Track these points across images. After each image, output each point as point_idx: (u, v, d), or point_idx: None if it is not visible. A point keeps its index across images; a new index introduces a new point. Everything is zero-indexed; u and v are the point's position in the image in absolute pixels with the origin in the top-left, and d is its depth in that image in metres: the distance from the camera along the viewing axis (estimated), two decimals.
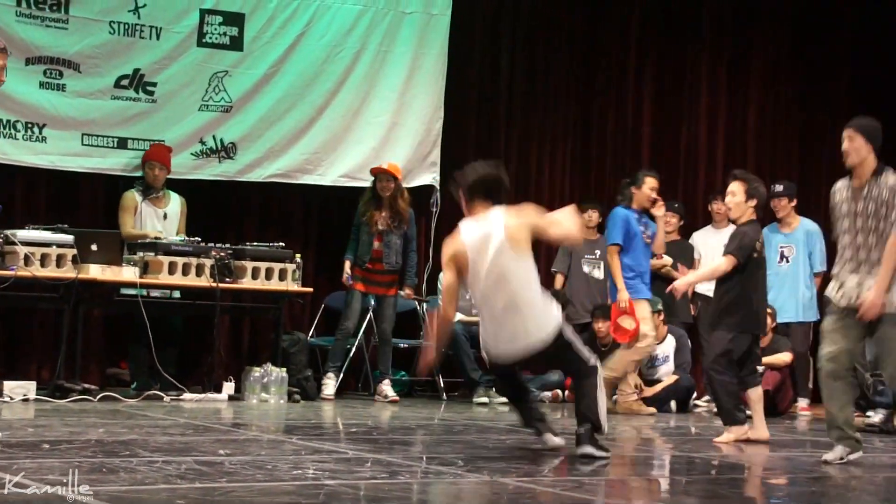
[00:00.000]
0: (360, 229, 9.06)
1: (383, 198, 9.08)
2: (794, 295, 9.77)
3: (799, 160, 11.62)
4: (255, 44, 9.27)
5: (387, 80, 9.74)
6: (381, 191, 9.07)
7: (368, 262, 9.04)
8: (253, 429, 6.74)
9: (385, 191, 9.06)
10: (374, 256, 9.05)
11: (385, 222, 9.04)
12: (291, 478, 4.72)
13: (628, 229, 8.80)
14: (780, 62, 11.63)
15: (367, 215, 9.05)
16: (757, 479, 5.92)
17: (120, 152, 8.83)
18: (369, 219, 9.03)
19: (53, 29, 8.61)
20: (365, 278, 9.05)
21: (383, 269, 9.07)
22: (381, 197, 9.08)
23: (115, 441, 5.58)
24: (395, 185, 9.09)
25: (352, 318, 9.01)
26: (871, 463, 6.56)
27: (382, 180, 9.07)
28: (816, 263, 9.76)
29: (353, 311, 9.01)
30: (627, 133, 11.02)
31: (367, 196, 9.13)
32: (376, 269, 9.05)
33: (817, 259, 9.75)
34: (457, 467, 5.24)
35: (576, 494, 4.74)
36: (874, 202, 6.16)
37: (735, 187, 7.17)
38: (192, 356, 8.98)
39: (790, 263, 9.81)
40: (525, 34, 10.60)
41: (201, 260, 8.17)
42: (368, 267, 9.04)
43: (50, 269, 7.66)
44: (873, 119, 6.45)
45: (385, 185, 9.06)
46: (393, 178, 9.09)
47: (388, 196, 9.07)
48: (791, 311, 9.76)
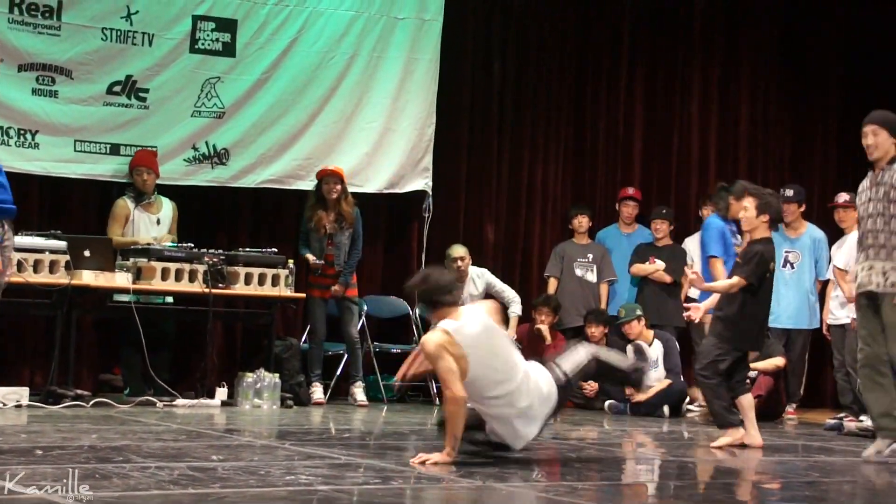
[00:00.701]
0: (308, 235, 9.03)
1: (329, 200, 9.03)
2: (797, 301, 9.76)
3: (790, 164, 11.65)
4: (247, 50, 9.28)
5: (379, 85, 9.75)
6: (328, 193, 9.02)
7: (323, 268, 9.00)
8: (246, 434, 6.74)
9: (331, 193, 9.00)
10: (327, 260, 9.02)
11: (332, 225, 9.00)
12: (284, 483, 4.72)
13: (725, 241, 8.78)
14: (770, 66, 11.66)
15: (313, 221, 9.01)
16: (750, 484, 5.93)
17: (112, 158, 8.83)
18: (317, 222, 8.99)
19: (46, 35, 8.61)
20: (321, 284, 9.02)
21: (335, 272, 9.03)
22: (326, 199, 9.04)
23: (108, 447, 5.57)
24: (342, 188, 9.03)
25: (318, 325, 8.99)
26: (865, 467, 6.57)
27: (329, 182, 9.01)
28: (823, 271, 9.76)
29: (317, 317, 8.99)
30: (619, 138, 11.04)
31: (313, 199, 9.08)
32: (328, 273, 9.02)
33: (823, 267, 9.76)
34: (449, 473, 5.25)
35: (569, 500, 4.75)
36: (884, 186, 6.21)
37: (747, 202, 7.03)
38: (184, 362, 8.98)
39: (795, 270, 9.81)
40: (516, 40, 10.61)
41: (194, 266, 8.17)
42: (326, 272, 9.00)
43: (43, 275, 7.66)
44: (890, 112, 6.54)
45: (332, 187, 9.00)
46: (339, 181, 9.03)
47: (334, 199, 9.02)
48: (793, 317, 9.75)
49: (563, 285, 10.20)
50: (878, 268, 6.19)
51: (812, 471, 6.29)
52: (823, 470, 6.36)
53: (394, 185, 9.80)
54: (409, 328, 10.01)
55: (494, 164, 10.52)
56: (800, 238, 9.76)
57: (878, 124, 6.36)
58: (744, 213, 7.07)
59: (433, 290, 5.69)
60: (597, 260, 10.26)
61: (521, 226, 10.65)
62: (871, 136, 6.37)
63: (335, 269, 9.01)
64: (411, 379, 6.14)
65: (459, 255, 9.63)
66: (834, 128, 11.84)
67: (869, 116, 6.47)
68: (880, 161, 6.35)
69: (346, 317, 9.06)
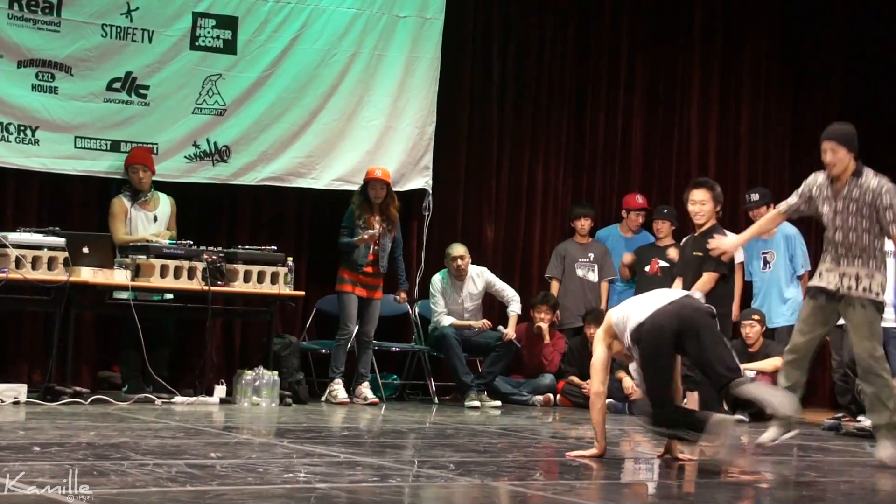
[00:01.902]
0: (353, 233, 9.05)
1: (375, 204, 9.09)
2: (779, 299, 9.80)
3: (790, 165, 11.64)
4: (248, 47, 9.27)
5: (381, 83, 9.74)
6: (375, 198, 9.08)
7: (366, 266, 9.04)
8: (244, 432, 6.74)
9: (378, 198, 9.08)
10: (370, 260, 9.06)
11: (381, 227, 9.06)
12: (283, 481, 4.72)
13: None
14: (770, 68, 11.66)
15: (362, 219, 9.05)
16: (747, 484, 5.93)
17: (112, 155, 8.82)
18: (365, 222, 9.03)
19: (45, 31, 8.60)
20: (360, 282, 9.05)
21: (377, 272, 9.08)
22: (372, 202, 9.09)
23: (107, 444, 5.57)
24: (388, 192, 9.11)
25: (352, 321, 9.02)
26: (863, 467, 6.58)
27: (376, 188, 9.09)
28: (798, 266, 9.79)
29: (351, 314, 9.01)
30: (619, 139, 11.04)
31: (359, 200, 9.13)
32: (368, 272, 9.06)
33: (799, 262, 9.79)
34: (448, 471, 5.25)
35: (567, 498, 4.75)
36: (855, 202, 6.36)
37: (702, 195, 7.42)
38: (183, 359, 8.97)
39: (772, 269, 9.85)
40: (517, 40, 10.61)
41: (193, 263, 8.16)
42: (366, 271, 9.04)
43: (41, 271, 7.65)
44: (847, 124, 6.69)
45: (378, 192, 9.08)
46: (385, 185, 9.11)
47: (381, 203, 9.08)
48: (778, 315, 9.77)
49: (565, 286, 10.20)
50: (850, 273, 6.44)
51: (809, 471, 6.30)
52: (821, 470, 6.36)
53: (394, 183, 9.77)
54: (409, 327, 10.01)
55: (494, 163, 10.52)
56: (773, 238, 9.79)
57: (836, 140, 6.54)
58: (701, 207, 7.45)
59: None
60: (598, 259, 10.26)
61: (521, 225, 10.65)
62: (830, 153, 6.56)
63: (379, 268, 9.04)
64: None
65: (459, 253, 9.63)
66: None
67: (826, 132, 6.67)
68: (841, 176, 6.53)
69: (370, 316, 9.08)
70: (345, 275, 9.05)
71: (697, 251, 7.39)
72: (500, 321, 9.78)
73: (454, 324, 9.56)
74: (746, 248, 9.48)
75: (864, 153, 11.63)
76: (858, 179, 6.47)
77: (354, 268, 9.02)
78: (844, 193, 6.48)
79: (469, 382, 9.32)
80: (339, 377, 8.96)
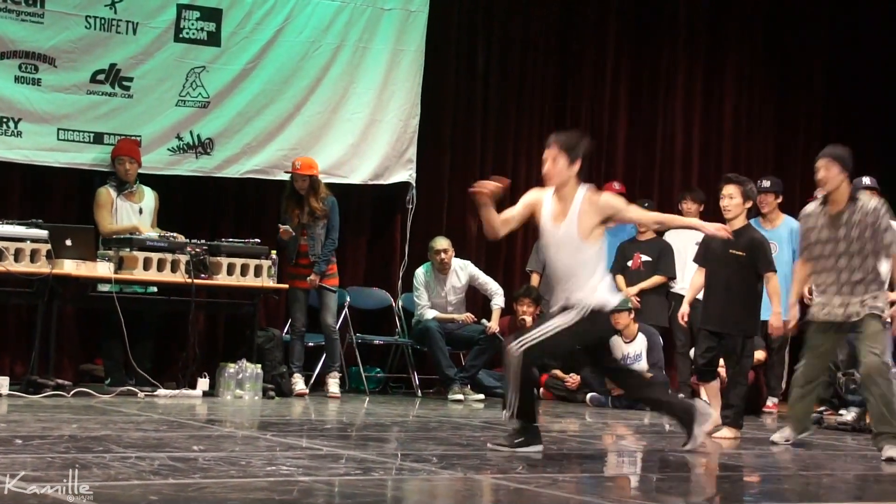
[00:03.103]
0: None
1: (301, 195, 9.01)
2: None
3: (774, 159, 11.69)
4: (232, 39, 9.25)
5: (365, 76, 9.73)
6: (299, 189, 8.99)
7: (298, 258, 9.00)
8: (227, 425, 6.74)
9: (301, 189, 8.99)
10: (301, 251, 9.02)
11: (306, 217, 8.99)
12: (265, 474, 4.71)
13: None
14: (754, 61, 11.69)
15: (287, 213, 9.00)
16: (731, 477, 5.95)
17: (96, 147, 8.79)
18: (290, 215, 8.97)
19: (29, 23, 8.56)
20: (299, 274, 9.01)
21: (310, 262, 9.02)
22: (299, 193, 9.04)
23: (89, 437, 5.56)
24: (310, 182, 9.01)
25: (298, 315, 8.99)
26: (844, 461, 6.62)
27: (297, 179, 9.01)
28: None
29: (296, 308, 8.99)
30: (603, 132, 11.05)
31: (288, 191, 9.07)
32: (303, 263, 9.01)
33: None
34: (431, 464, 5.25)
35: (550, 491, 4.76)
36: (857, 227, 6.40)
37: (731, 189, 7.40)
38: (166, 352, 8.96)
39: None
40: (501, 32, 10.61)
41: (176, 256, 8.15)
42: (301, 262, 9.01)
43: (24, 264, 7.63)
44: (844, 147, 6.75)
45: (301, 184, 8.99)
46: (308, 178, 8.98)
47: (304, 194, 8.99)
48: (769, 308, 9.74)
49: (546, 280, 10.19)
50: (854, 301, 6.51)
51: (792, 464, 6.33)
52: (803, 463, 6.39)
53: (378, 176, 9.79)
54: (392, 319, 10.02)
55: (478, 156, 10.53)
56: (776, 229, 9.78)
57: (829, 158, 6.63)
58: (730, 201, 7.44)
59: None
60: None
61: None
62: (824, 170, 6.62)
63: (310, 259, 9.01)
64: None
65: (443, 247, 9.63)
66: (817, 123, 11.89)
67: (822, 151, 6.73)
68: (833, 194, 6.58)
69: (326, 305, 9.05)
70: (288, 269, 9.02)
71: (736, 249, 7.40)
72: (483, 314, 9.79)
73: (437, 317, 9.57)
74: None
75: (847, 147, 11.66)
76: (857, 203, 6.51)
77: (290, 262, 9.00)
78: (845, 220, 6.51)
79: (452, 376, 9.33)
80: (297, 371, 8.92)
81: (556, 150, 5.91)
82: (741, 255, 7.40)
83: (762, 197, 9.72)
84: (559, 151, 5.90)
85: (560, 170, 5.90)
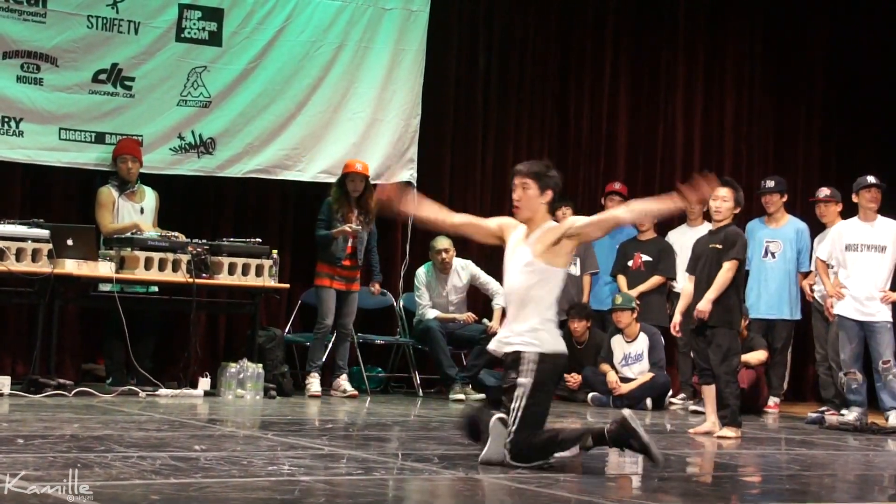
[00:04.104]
0: (330, 226, 9.01)
1: (353, 197, 9.06)
2: (781, 292, 9.75)
3: (774, 157, 11.68)
4: (234, 39, 9.25)
5: (366, 76, 9.74)
6: (353, 191, 9.05)
7: (342, 260, 9.02)
8: (228, 424, 6.74)
9: (356, 191, 9.04)
10: (348, 254, 9.04)
11: (358, 220, 9.03)
12: (267, 474, 4.72)
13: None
14: (754, 60, 11.68)
15: (340, 213, 9.02)
16: (732, 477, 5.95)
17: (97, 147, 8.79)
18: (344, 216, 9.01)
19: (31, 23, 8.56)
20: (337, 275, 9.03)
21: (354, 265, 9.07)
22: (350, 195, 9.06)
23: (90, 436, 5.57)
24: (366, 185, 9.07)
25: (329, 316, 9.01)
26: (846, 461, 6.62)
27: (355, 181, 9.06)
28: (806, 263, 9.77)
29: (329, 308, 9.00)
30: (603, 130, 11.05)
31: (337, 194, 9.09)
32: (346, 265, 9.04)
33: (806, 258, 9.77)
34: (432, 464, 5.26)
35: (550, 491, 4.76)
36: None
37: (725, 192, 7.49)
38: (168, 352, 8.96)
39: (776, 260, 9.81)
40: (502, 32, 10.61)
41: (178, 255, 8.15)
42: (344, 264, 9.04)
43: (25, 263, 7.63)
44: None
45: (357, 185, 9.05)
46: (364, 178, 9.07)
47: (359, 196, 9.05)
48: (776, 307, 9.74)
49: None
50: None
51: (793, 464, 6.33)
52: (804, 463, 6.39)
53: (379, 175, 9.78)
54: (394, 319, 10.02)
55: (479, 155, 10.53)
56: (781, 228, 9.78)
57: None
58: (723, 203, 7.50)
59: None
60: (580, 252, 10.23)
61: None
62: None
63: (356, 261, 9.03)
64: None
65: (444, 246, 9.63)
66: (817, 123, 11.89)
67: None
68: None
69: (349, 308, 9.07)
70: (322, 269, 9.03)
71: (715, 244, 7.47)
72: (484, 314, 9.79)
73: (438, 317, 9.57)
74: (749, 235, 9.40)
75: (847, 144, 11.68)
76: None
77: (332, 261, 9.01)
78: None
79: (453, 375, 9.33)
80: (315, 371, 8.94)
81: (524, 178, 5.51)
82: (719, 247, 7.45)
83: (767, 197, 9.74)
84: (528, 179, 5.50)
85: (530, 197, 5.49)
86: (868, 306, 8.37)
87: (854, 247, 8.52)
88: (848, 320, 8.44)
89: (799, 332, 10.18)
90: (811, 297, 9.51)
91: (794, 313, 9.83)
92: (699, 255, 7.61)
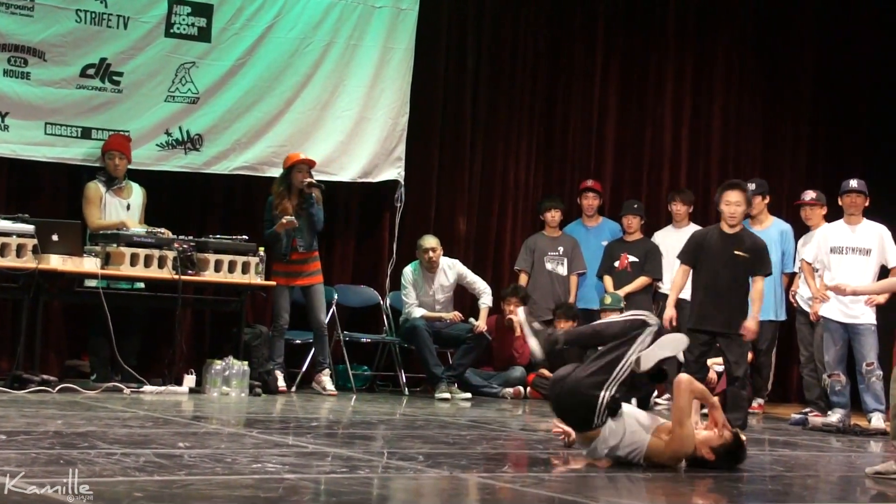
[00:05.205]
0: (274, 222, 8.91)
1: (294, 186, 8.93)
2: (765, 293, 9.76)
3: (762, 159, 11.71)
4: (223, 35, 9.24)
5: (355, 74, 9.73)
6: (300, 182, 8.87)
7: (291, 253, 8.92)
8: (213, 422, 6.73)
9: (301, 183, 8.89)
10: (292, 246, 8.97)
11: (294, 209, 8.92)
12: (251, 471, 4.71)
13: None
14: (743, 63, 11.72)
15: (279, 206, 8.90)
16: (714, 477, 5.96)
17: (84, 142, 8.77)
18: (282, 210, 8.88)
19: (19, 16, 8.53)
20: (285, 272, 8.96)
21: (307, 257, 8.95)
22: (293, 187, 8.95)
23: (74, 433, 5.55)
24: (309, 175, 8.94)
25: (283, 313, 8.94)
26: (828, 462, 6.64)
27: (303, 170, 8.91)
28: (790, 264, 9.79)
29: (282, 306, 8.93)
30: (592, 132, 11.07)
31: (278, 188, 8.95)
32: (295, 259, 8.94)
33: (790, 260, 9.80)
34: (417, 462, 5.26)
35: (536, 491, 4.77)
36: None
37: (737, 197, 7.70)
38: (153, 348, 8.94)
39: None
40: (491, 32, 10.61)
41: (164, 252, 8.13)
42: (293, 258, 8.93)
43: (10, 258, 7.60)
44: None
45: (305, 174, 8.88)
46: (310, 167, 8.93)
47: (303, 187, 8.87)
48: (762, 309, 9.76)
49: (534, 279, 10.22)
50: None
51: (776, 465, 6.34)
52: (787, 464, 6.41)
53: (367, 174, 9.79)
54: (380, 318, 10.01)
55: (467, 155, 10.53)
56: (766, 230, 9.79)
57: None
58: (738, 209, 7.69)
59: None
60: (567, 252, 10.28)
61: (493, 218, 10.66)
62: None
63: (307, 253, 8.98)
64: None
65: (431, 245, 9.63)
66: (804, 126, 11.93)
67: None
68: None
69: (315, 303, 9.02)
70: (276, 267, 8.96)
71: (740, 251, 7.53)
72: (471, 313, 9.79)
73: (425, 315, 9.57)
74: None
75: (834, 149, 11.71)
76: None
77: (279, 258, 8.95)
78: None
79: (439, 374, 9.33)
80: (277, 369, 8.87)
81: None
82: (746, 257, 7.47)
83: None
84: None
85: None
86: (853, 309, 8.40)
87: (839, 249, 8.55)
88: (832, 322, 8.48)
89: (783, 334, 10.21)
90: (795, 303, 9.53)
91: (778, 314, 9.85)
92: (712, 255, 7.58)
